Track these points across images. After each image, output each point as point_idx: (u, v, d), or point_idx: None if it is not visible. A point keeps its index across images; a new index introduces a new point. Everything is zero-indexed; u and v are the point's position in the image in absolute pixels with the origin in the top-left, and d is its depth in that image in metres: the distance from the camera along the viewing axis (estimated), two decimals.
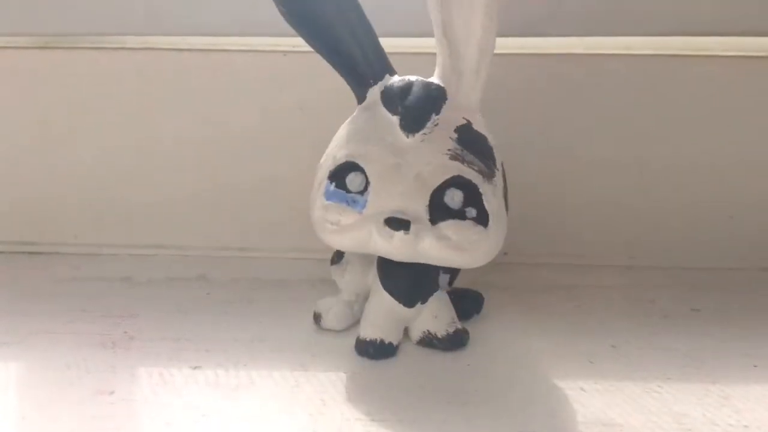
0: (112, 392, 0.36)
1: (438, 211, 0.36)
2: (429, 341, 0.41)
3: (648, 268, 0.53)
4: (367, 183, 0.37)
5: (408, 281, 0.40)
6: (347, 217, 0.37)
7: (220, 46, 0.52)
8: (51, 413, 0.35)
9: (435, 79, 0.38)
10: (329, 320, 0.43)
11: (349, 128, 0.39)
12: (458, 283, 0.45)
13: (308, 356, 0.40)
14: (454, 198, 0.36)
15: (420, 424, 0.34)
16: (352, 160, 0.37)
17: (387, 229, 0.35)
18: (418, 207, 0.36)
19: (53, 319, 0.44)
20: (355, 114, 0.40)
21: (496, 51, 0.50)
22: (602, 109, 0.51)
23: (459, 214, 0.36)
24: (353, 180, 0.37)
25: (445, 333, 0.40)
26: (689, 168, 0.52)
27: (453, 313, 0.41)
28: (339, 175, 0.38)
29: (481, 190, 0.36)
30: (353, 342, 0.40)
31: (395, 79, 0.39)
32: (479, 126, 0.38)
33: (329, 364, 0.39)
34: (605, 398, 0.36)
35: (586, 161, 0.52)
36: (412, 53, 0.48)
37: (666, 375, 0.38)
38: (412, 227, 0.35)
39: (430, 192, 0.36)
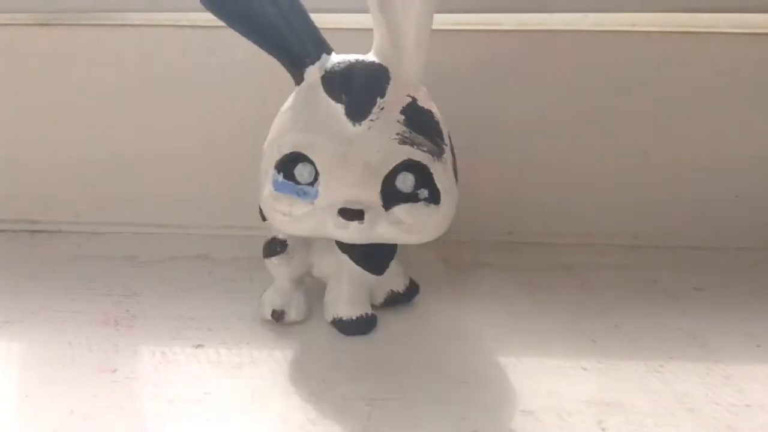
0: (114, 370, 0.37)
1: (391, 196, 0.36)
2: (393, 298, 0.42)
3: (651, 248, 0.53)
4: (317, 174, 0.36)
5: (378, 252, 0.40)
6: (298, 208, 0.37)
7: (222, 23, 0.51)
8: (54, 391, 0.35)
9: (374, 57, 0.37)
10: (294, 314, 0.41)
11: (291, 114, 0.38)
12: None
13: (309, 335, 0.40)
14: (405, 182, 0.36)
15: (420, 403, 0.34)
16: (298, 150, 0.36)
17: (341, 219, 0.35)
18: (370, 195, 0.36)
19: (55, 297, 0.44)
20: (293, 96, 0.39)
21: (498, 27, 0.50)
22: (606, 87, 0.51)
23: (412, 197, 0.36)
24: (302, 171, 0.36)
25: (404, 286, 0.42)
26: (694, 147, 0.52)
27: (403, 267, 0.42)
28: (286, 165, 0.37)
29: (431, 170, 0.36)
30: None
31: (334, 61, 0.38)
32: (424, 101, 0.38)
33: (331, 343, 0.39)
34: (607, 377, 0.36)
35: (589, 140, 0.52)
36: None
37: (668, 354, 0.38)
38: (366, 216, 0.35)
39: (381, 179, 0.36)
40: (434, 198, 0.36)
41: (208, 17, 0.51)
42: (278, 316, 0.41)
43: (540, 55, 0.50)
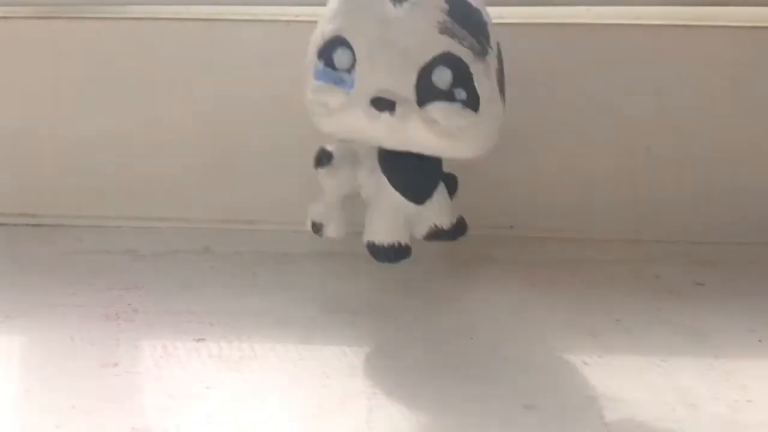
0: (116, 364, 0.37)
1: (425, 92, 0.34)
2: (436, 234, 0.40)
3: (653, 243, 0.53)
4: (355, 59, 0.35)
5: (417, 178, 0.39)
6: (335, 98, 0.36)
7: (223, 16, 0.51)
8: (55, 385, 0.35)
9: None
10: (332, 230, 0.41)
11: (338, 5, 0.37)
12: None
13: (312, 330, 0.40)
14: (442, 77, 0.34)
15: (423, 398, 0.34)
16: (339, 34, 0.36)
17: (373, 109, 0.34)
18: (405, 86, 0.34)
19: (57, 291, 0.44)
20: None
21: (501, 20, 0.49)
22: (610, 81, 0.51)
23: (448, 96, 0.34)
24: (341, 57, 0.36)
25: (449, 223, 0.40)
26: (697, 142, 0.52)
27: (450, 202, 0.41)
28: (327, 52, 0.36)
29: (471, 69, 0.34)
30: (354, 317, 0.40)
31: None
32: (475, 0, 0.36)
33: (332, 338, 0.39)
34: (608, 372, 0.36)
35: (592, 134, 0.52)
36: None
37: (670, 349, 0.38)
38: (398, 109, 0.34)
39: (417, 70, 0.34)
40: (472, 102, 0.34)
41: (208, 10, 0.51)
42: (317, 228, 0.42)
43: (543, 48, 0.50)
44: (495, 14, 0.49)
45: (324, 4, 0.45)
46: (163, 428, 0.32)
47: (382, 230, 0.39)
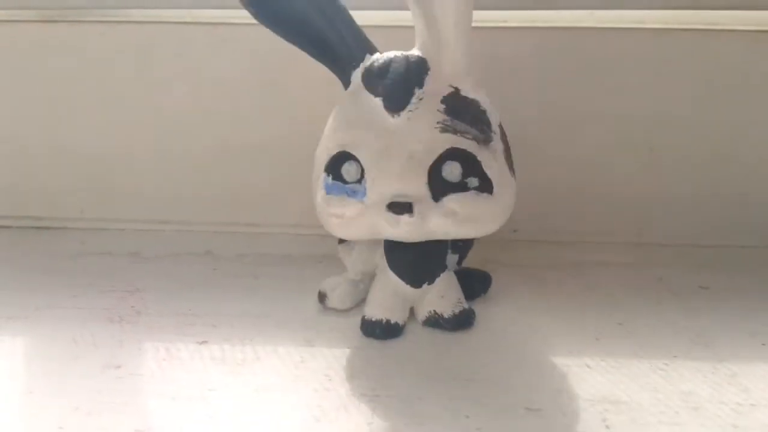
0: (118, 366, 0.37)
1: (439, 187, 0.35)
2: (435, 321, 0.40)
3: (656, 246, 0.53)
4: (363, 170, 0.36)
5: (415, 261, 0.39)
6: (350, 209, 0.36)
7: (225, 19, 0.52)
8: (58, 387, 0.35)
9: (416, 51, 0.37)
10: (334, 300, 0.42)
11: (337, 117, 0.38)
12: (467, 262, 0.45)
13: (314, 332, 0.40)
14: (452, 171, 0.35)
15: (425, 401, 0.34)
16: (343, 149, 0.36)
17: (391, 215, 0.35)
18: (417, 187, 0.35)
19: (60, 294, 0.45)
20: (343, 101, 0.39)
21: (505, 24, 0.50)
22: (613, 84, 0.51)
23: (460, 186, 0.35)
24: (348, 170, 0.36)
25: (452, 313, 0.40)
26: (700, 144, 0.52)
27: (460, 293, 0.41)
28: (334, 166, 0.37)
29: (479, 158, 0.35)
30: (359, 319, 0.40)
31: (374, 58, 0.38)
32: (469, 91, 0.37)
33: (334, 340, 0.39)
34: (611, 375, 0.36)
35: (595, 137, 0.52)
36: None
37: (673, 353, 0.38)
38: (416, 208, 0.34)
39: (427, 169, 0.35)
40: (486, 186, 0.35)
41: (210, 14, 0.52)
42: (320, 297, 0.42)
43: (546, 51, 0.50)
44: (498, 18, 0.49)
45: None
46: (166, 430, 0.32)
47: (374, 305, 0.40)
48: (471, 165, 0.35)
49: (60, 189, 0.56)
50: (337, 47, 0.38)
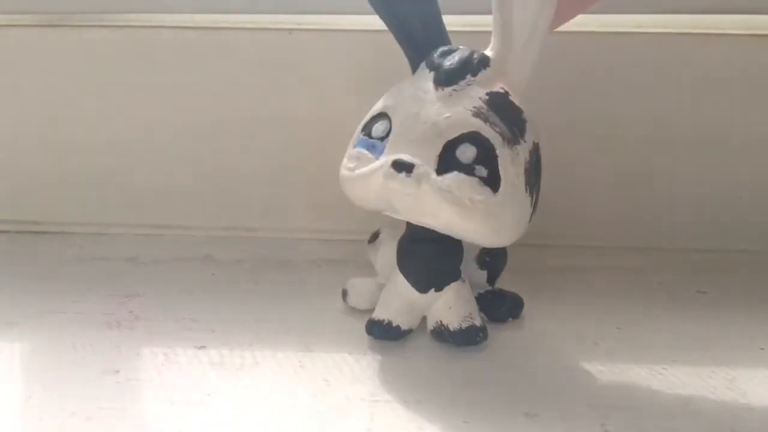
0: (117, 372, 0.37)
1: (447, 163, 0.34)
2: (440, 333, 0.39)
3: (655, 250, 0.53)
4: (390, 130, 0.36)
5: (423, 263, 0.39)
6: (364, 161, 0.36)
7: (226, 24, 0.52)
8: (56, 393, 0.35)
9: (490, 52, 0.38)
10: (352, 298, 0.42)
11: (393, 89, 0.39)
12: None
13: (313, 337, 0.40)
14: (466, 153, 0.34)
15: (424, 406, 0.34)
16: (383, 110, 0.37)
17: (391, 170, 0.34)
18: (428, 154, 0.35)
19: (58, 299, 0.44)
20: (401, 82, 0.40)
21: None
22: (612, 89, 0.51)
23: (467, 169, 0.34)
24: (378, 127, 0.37)
25: (458, 327, 0.38)
26: (699, 148, 0.52)
27: (471, 308, 0.39)
28: (369, 125, 0.37)
29: (497, 152, 0.35)
30: (358, 325, 0.40)
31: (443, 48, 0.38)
32: (517, 100, 0.37)
33: (333, 345, 0.39)
34: (610, 380, 0.36)
35: (594, 141, 0.52)
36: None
37: (672, 357, 0.38)
38: (415, 171, 0.34)
39: (444, 143, 0.35)
40: (493, 182, 0.34)
41: (212, 19, 0.52)
42: (344, 294, 0.43)
43: (547, 56, 0.50)
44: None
45: (322, 12, 0.46)
46: None
47: (381, 306, 0.40)
48: (487, 155, 0.34)
49: (58, 194, 0.56)
50: (417, 35, 0.39)
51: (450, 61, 0.37)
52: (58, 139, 0.55)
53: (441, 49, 0.38)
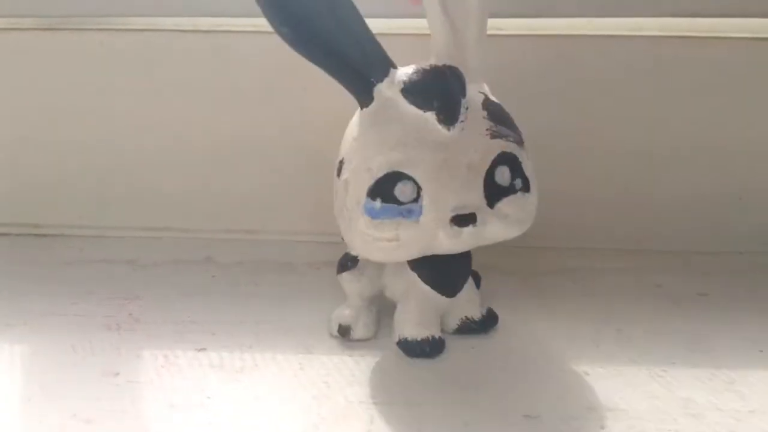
0: (117, 374, 0.37)
1: (493, 193, 0.35)
2: (468, 326, 0.40)
3: (655, 252, 0.53)
4: (419, 189, 0.35)
5: (448, 271, 0.39)
6: (406, 229, 0.35)
7: (225, 27, 0.52)
8: (56, 395, 0.35)
9: (439, 59, 0.37)
10: (360, 331, 0.40)
11: (373, 137, 0.36)
12: None
13: (313, 339, 0.40)
14: (503, 175, 0.36)
15: (424, 407, 0.34)
16: (395, 169, 0.35)
17: (455, 228, 0.34)
18: (476, 196, 0.35)
19: (58, 301, 0.44)
20: (361, 120, 0.37)
21: (502, 32, 0.50)
22: (610, 92, 0.51)
23: (510, 189, 0.36)
24: (403, 190, 0.35)
25: (480, 315, 0.41)
26: (698, 150, 0.52)
27: (479, 295, 0.41)
28: (383, 188, 0.35)
29: (520, 159, 0.36)
30: None
31: (408, 72, 0.36)
32: (491, 95, 0.38)
33: (333, 348, 0.39)
34: (610, 382, 0.36)
35: (593, 144, 0.52)
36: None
37: (671, 359, 0.38)
38: (478, 217, 0.35)
39: (483, 177, 0.35)
40: (526, 186, 0.37)
41: (213, 22, 0.52)
42: (344, 331, 0.40)
43: (544, 59, 0.50)
44: (495, 26, 0.49)
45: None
46: None
47: (413, 326, 0.39)
48: (516, 167, 0.36)
49: (58, 196, 0.56)
50: (359, 65, 0.36)
51: (447, 97, 0.35)
52: (58, 141, 0.55)
53: (411, 78, 0.36)
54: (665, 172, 0.52)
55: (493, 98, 0.38)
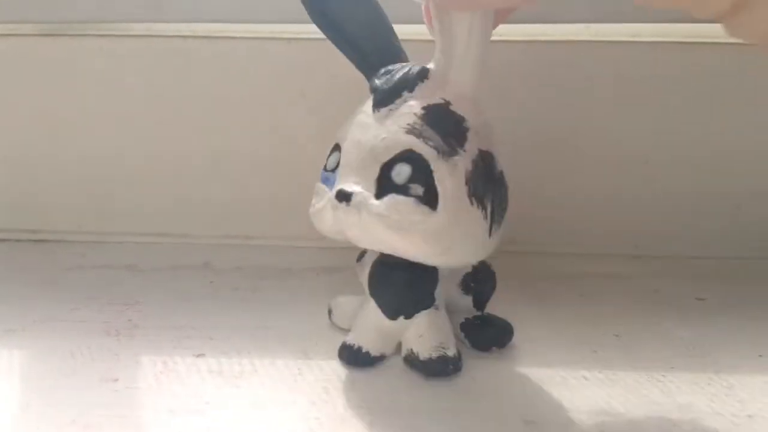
0: (116, 380, 0.37)
1: (384, 186, 0.34)
2: (411, 361, 0.37)
3: (653, 258, 0.53)
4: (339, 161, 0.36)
5: (394, 291, 0.37)
6: (321, 195, 0.36)
7: (225, 33, 0.52)
8: (55, 401, 0.35)
9: (431, 64, 0.36)
10: (337, 317, 0.42)
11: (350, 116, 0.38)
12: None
13: (311, 344, 0.40)
14: (400, 173, 0.33)
15: (422, 412, 0.34)
16: (336, 141, 0.37)
17: (335, 201, 0.34)
18: (367, 180, 0.34)
19: (57, 306, 0.45)
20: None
21: (500, 38, 0.50)
22: (608, 97, 0.51)
23: (403, 190, 0.33)
24: (332, 159, 0.37)
25: (428, 357, 0.37)
26: (696, 156, 0.52)
27: (445, 337, 0.37)
28: (328, 158, 0.37)
29: (432, 166, 0.33)
30: None
31: (396, 65, 0.37)
32: (462, 109, 0.35)
33: (332, 353, 0.39)
34: (608, 388, 0.36)
35: (591, 149, 0.52)
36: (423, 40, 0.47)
37: (670, 364, 0.38)
38: (355, 199, 0.34)
39: (380, 166, 0.34)
40: (429, 200, 0.33)
41: (211, 28, 0.52)
42: (329, 311, 0.42)
43: (542, 65, 0.51)
44: (494, 32, 0.49)
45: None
46: None
47: (354, 331, 0.39)
48: (421, 172, 0.33)
49: (58, 202, 0.56)
50: (370, 54, 0.38)
51: (385, 81, 0.36)
52: (58, 147, 0.55)
53: (384, 69, 0.37)
54: (663, 178, 0.52)
55: (457, 110, 0.35)
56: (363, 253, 0.41)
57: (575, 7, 0.49)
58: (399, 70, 0.36)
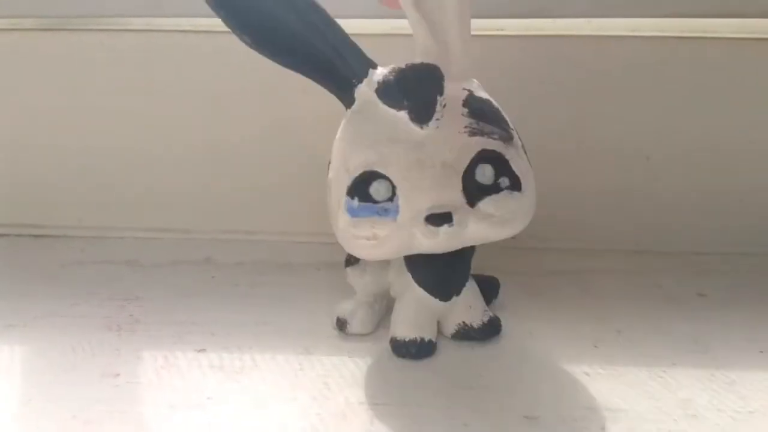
0: (117, 375, 0.37)
1: (473, 192, 0.35)
2: (465, 333, 0.39)
3: (654, 253, 0.53)
4: (394, 187, 0.35)
5: (443, 274, 0.39)
6: (382, 228, 0.35)
7: (224, 28, 0.52)
8: (56, 396, 0.35)
9: (421, 59, 0.36)
10: (356, 326, 0.41)
11: (351, 136, 0.37)
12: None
13: (312, 340, 0.40)
14: (485, 173, 0.35)
15: (424, 408, 0.34)
16: (370, 169, 0.35)
17: (430, 227, 0.34)
18: (453, 195, 0.34)
19: (58, 302, 0.45)
20: (346, 121, 0.38)
21: (501, 33, 0.50)
22: (609, 92, 0.51)
23: (494, 188, 0.35)
24: (378, 189, 0.35)
25: (481, 322, 0.40)
26: (697, 151, 0.52)
27: (483, 302, 0.41)
28: (359, 187, 0.35)
29: (506, 156, 0.35)
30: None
31: (384, 72, 0.36)
32: (479, 91, 0.37)
33: (333, 348, 0.39)
34: (610, 383, 0.36)
35: (592, 144, 0.52)
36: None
37: (671, 360, 0.38)
38: (455, 217, 0.34)
39: (461, 176, 0.35)
40: (515, 185, 0.35)
41: (210, 22, 0.52)
42: (341, 325, 0.41)
43: (544, 60, 0.50)
44: (495, 26, 0.49)
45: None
46: None
47: (404, 325, 0.39)
48: (501, 165, 0.35)
49: (59, 197, 0.56)
50: (337, 65, 0.37)
51: (419, 94, 0.35)
52: (58, 142, 0.55)
53: (387, 77, 0.35)
54: (665, 173, 0.52)
55: (481, 94, 0.37)
56: (357, 258, 0.41)
57: (577, 2, 0.49)
58: (412, 76, 0.35)
